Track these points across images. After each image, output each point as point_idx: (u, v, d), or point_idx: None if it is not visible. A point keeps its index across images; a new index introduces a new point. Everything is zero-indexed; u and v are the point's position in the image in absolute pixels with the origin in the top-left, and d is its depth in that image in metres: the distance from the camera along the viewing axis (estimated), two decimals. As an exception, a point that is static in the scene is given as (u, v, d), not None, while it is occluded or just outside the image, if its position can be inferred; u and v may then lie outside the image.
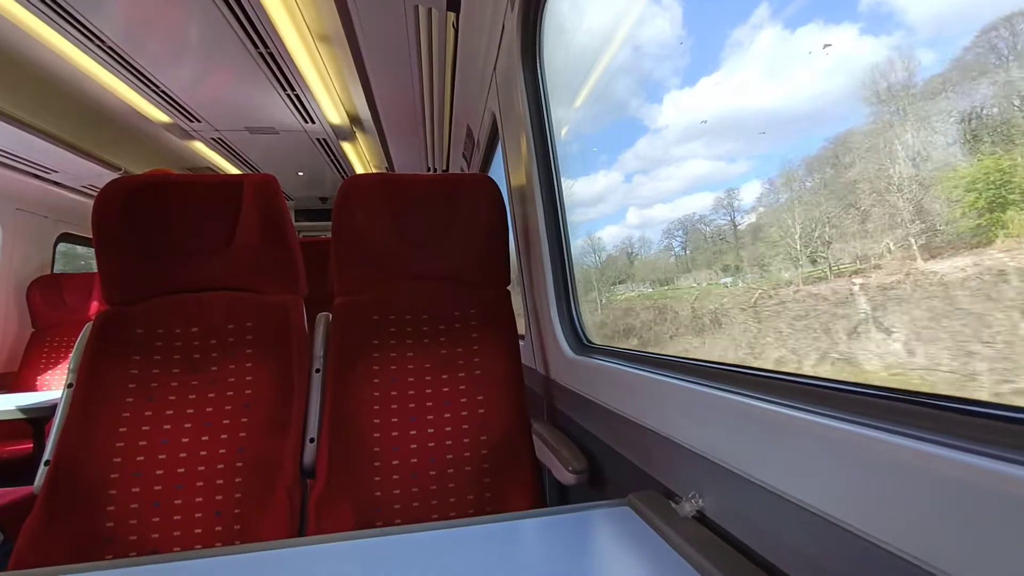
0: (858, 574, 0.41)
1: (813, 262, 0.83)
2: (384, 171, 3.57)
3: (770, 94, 0.87)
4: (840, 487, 0.43)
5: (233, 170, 3.49)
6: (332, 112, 2.68)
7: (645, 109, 1.33)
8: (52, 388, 2.82)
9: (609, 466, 0.98)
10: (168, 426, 1.09)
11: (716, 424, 0.61)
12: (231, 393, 1.14)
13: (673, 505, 0.66)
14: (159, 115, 2.58)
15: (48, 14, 1.74)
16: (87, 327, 1.17)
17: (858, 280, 0.72)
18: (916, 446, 0.37)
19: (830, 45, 0.70)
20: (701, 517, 0.63)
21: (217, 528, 1.04)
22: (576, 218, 1.40)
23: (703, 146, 1.08)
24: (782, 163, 0.87)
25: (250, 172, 3.49)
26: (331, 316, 1.29)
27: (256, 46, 2.01)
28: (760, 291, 0.96)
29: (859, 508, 0.41)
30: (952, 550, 0.33)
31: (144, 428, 1.08)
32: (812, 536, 0.45)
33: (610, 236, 1.58)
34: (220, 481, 1.07)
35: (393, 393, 1.20)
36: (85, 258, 3.89)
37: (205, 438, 1.10)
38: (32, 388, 2.83)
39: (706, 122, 1.05)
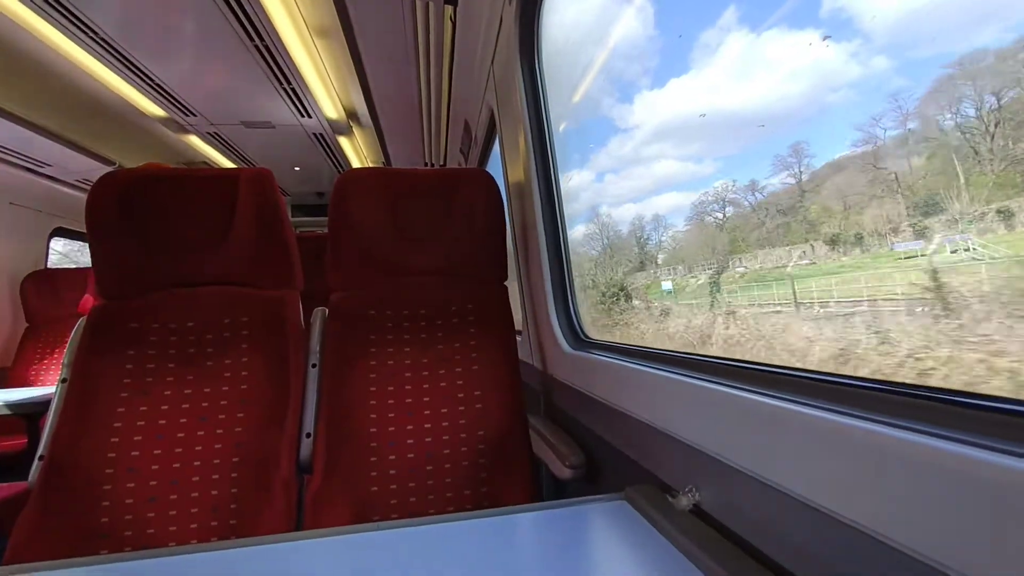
0: (853, 567, 0.41)
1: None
2: (381, 166, 3.56)
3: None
4: (836, 480, 0.43)
5: (229, 164, 3.46)
6: (329, 107, 2.67)
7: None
8: (46, 383, 2.81)
9: (606, 460, 0.98)
10: (163, 421, 1.09)
11: (713, 418, 0.61)
12: (227, 388, 1.14)
13: (670, 499, 0.67)
14: (154, 109, 2.56)
15: (41, 6, 1.72)
16: (81, 322, 1.16)
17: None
18: (912, 438, 0.37)
19: (829, 36, 0.70)
20: (698, 510, 0.63)
21: (213, 523, 1.03)
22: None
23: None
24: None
25: (246, 166, 3.46)
26: (327, 311, 1.28)
27: (252, 40, 1.99)
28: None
29: (855, 501, 0.41)
30: (950, 543, 0.33)
31: (139, 423, 1.08)
32: (808, 529, 0.46)
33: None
34: (216, 476, 1.07)
35: (390, 388, 1.20)
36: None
37: (201, 433, 1.09)
38: (26, 383, 2.82)
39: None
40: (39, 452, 1.05)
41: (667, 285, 1.19)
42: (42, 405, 1.96)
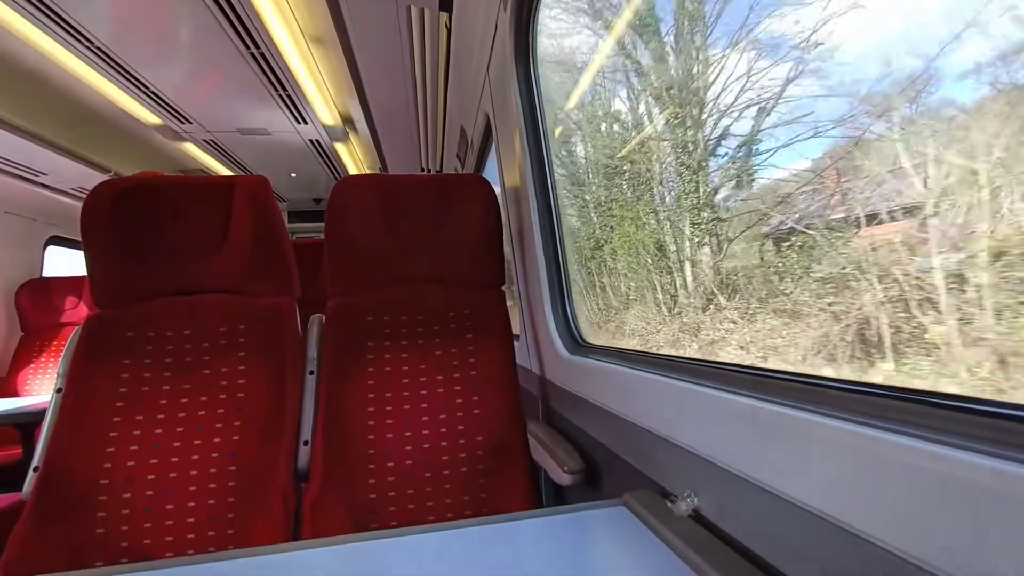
0: (853, 572, 0.41)
1: None
2: (378, 172, 3.56)
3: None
4: (835, 485, 0.43)
5: (225, 172, 3.46)
6: (325, 113, 2.67)
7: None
8: (41, 393, 2.79)
9: (605, 466, 0.98)
10: (160, 430, 1.08)
11: (711, 423, 0.61)
12: (224, 396, 1.13)
13: (669, 504, 0.66)
14: (149, 116, 2.56)
15: (35, 14, 1.72)
16: (76, 331, 1.16)
17: None
18: (911, 444, 0.37)
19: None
20: (697, 516, 0.63)
21: (210, 533, 1.03)
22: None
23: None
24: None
25: (243, 174, 3.47)
26: (324, 318, 1.28)
27: (247, 47, 2.00)
28: None
29: (854, 506, 0.41)
30: (948, 548, 0.33)
31: (135, 433, 1.07)
32: (808, 534, 0.46)
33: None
34: (213, 485, 1.06)
35: (388, 395, 1.19)
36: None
37: (197, 442, 1.09)
38: (21, 393, 2.80)
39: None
40: (33, 463, 1.04)
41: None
42: (37, 415, 1.95)
